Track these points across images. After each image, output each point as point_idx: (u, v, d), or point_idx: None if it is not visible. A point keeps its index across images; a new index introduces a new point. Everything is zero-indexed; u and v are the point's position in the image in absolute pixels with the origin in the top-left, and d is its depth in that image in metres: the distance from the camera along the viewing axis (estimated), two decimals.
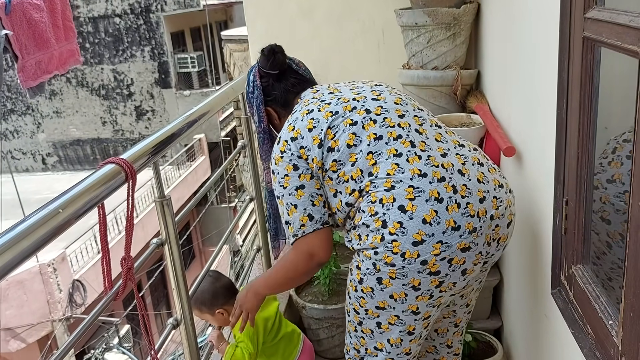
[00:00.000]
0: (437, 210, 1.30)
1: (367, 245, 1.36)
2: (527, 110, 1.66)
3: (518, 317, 1.98)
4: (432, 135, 1.43)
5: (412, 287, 1.34)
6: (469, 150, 1.44)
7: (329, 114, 1.45)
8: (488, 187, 1.37)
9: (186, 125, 1.53)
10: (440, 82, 2.33)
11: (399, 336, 1.43)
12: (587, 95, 1.17)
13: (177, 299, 1.48)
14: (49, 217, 0.92)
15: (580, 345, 1.22)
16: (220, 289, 1.83)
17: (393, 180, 1.33)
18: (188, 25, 16.30)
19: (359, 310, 1.46)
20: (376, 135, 1.39)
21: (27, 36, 1.49)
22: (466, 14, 2.29)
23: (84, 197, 1.02)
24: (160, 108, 15.49)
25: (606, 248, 1.28)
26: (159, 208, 1.40)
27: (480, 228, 1.32)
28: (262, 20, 2.70)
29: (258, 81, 1.63)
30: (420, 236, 1.29)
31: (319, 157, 1.41)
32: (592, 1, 1.11)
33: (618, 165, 1.25)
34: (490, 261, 1.42)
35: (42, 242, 0.89)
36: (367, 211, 1.35)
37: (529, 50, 1.60)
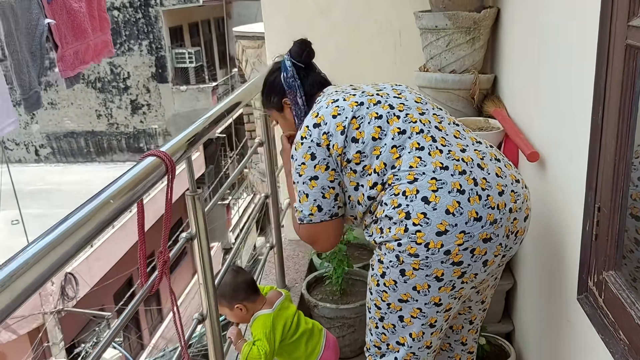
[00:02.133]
0: (460, 201, 1.33)
1: (389, 237, 1.38)
2: (554, 116, 1.66)
3: (534, 321, 1.99)
4: (451, 132, 1.47)
5: (435, 277, 1.36)
6: (485, 147, 1.49)
7: (354, 103, 1.48)
8: (506, 181, 1.41)
9: (218, 118, 1.53)
10: (458, 85, 2.33)
11: (421, 329, 1.46)
12: (627, 102, 1.18)
13: (203, 294, 1.47)
14: (100, 207, 0.91)
15: (612, 351, 1.23)
16: (242, 284, 1.82)
17: (416, 173, 1.36)
18: (187, 20, 16.23)
19: (381, 305, 1.48)
20: (400, 129, 1.43)
21: (67, 26, 1.48)
22: (486, 18, 2.30)
23: (131, 188, 1.01)
24: (156, 102, 15.42)
25: (634, 245, 1.29)
26: (190, 202, 1.39)
27: (500, 220, 1.36)
28: (279, 17, 2.70)
29: (294, 68, 1.67)
30: (444, 226, 1.32)
31: (341, 143, 1.44)
32: (636, 9, 1.12)
33: None
34: (508, 254, 1.45)
35: (94, 233, 0.89)
36: (390, 204, 1.38)
37: (559, 57, 1.61)
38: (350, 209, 1.52)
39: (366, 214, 1.48)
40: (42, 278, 0.77)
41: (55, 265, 0.80)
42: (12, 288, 0.71)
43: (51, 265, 0.79)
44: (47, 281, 0.76)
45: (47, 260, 0.79)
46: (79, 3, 1.45)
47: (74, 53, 1.53)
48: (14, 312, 0.71)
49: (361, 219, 1.51)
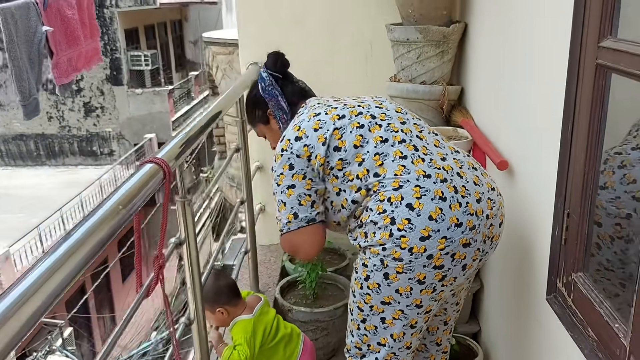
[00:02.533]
0: (442, 208, 1.40)
1: (374, 242, 1.44)
2: (523, 128, 1.77)
3: (502, 321, 2.10)
4: (431, 141, 1.55)
5: (417, 280, 1.43)
6: (463, 156, 1.57)
7: (335, 116, 1.55)
8: (483, 189, 1.50)
9: (205, 125, 1.56)
10: (428, 96, 2.43)
11: (402, 330, 1.52)
12: (597, 118, 1.28)
13: (191, 298, 1.49)
14: (111, 214, 0.94)
15: (581, 347, 1.32)
16: (225, 287, 1.85)
17: (400, 181, 1.43)
18: (142, 22, 15.96)
19: (364, 307, 1.54)
20: (382, 138, 1.50)
21: (61, 33, 1.48)
22: (455, 32, 2.41)
23: (135, 194, 1.03)
24: (111, 105, 15.08)
25: (595, 249, 1.40)
26: (180, 208, 1.41)
27: (478, 226, 1.44)
28: (253, 25, 2.73)
29: (271, 78, 1.72)
30: (427, 232, 1.39)
31: (323, 154, 1.50)
32: (606, 31, 1.22)
33: (610, 174, 1.38)
34: (484, 259, 1.53)
35: (107, 239, 0.91)
36: (376, 209, 1.44)
37: (528, 73, 1.72)
38: (332, 214, 1.57)
39: (350, 218, 1.54)
40: (63, 284, 0.79)
41: (72, 273, 0.81)
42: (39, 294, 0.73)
43: (70, 272, 0.81)
44: (68, 287, 0.78)
45: (66, 268, 0.80)
46: (72, 10, 1.45)
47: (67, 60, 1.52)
48: (44, 314, 0.72)
49: (345, 223, 1.57)
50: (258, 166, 2.87)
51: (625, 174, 1.35)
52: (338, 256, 2.88)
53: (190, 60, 19.79)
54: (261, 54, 2.75)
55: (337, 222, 1.58)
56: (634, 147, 1.37)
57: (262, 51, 2.74)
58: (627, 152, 1.38)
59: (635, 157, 1.34)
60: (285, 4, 2.70)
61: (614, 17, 1.19)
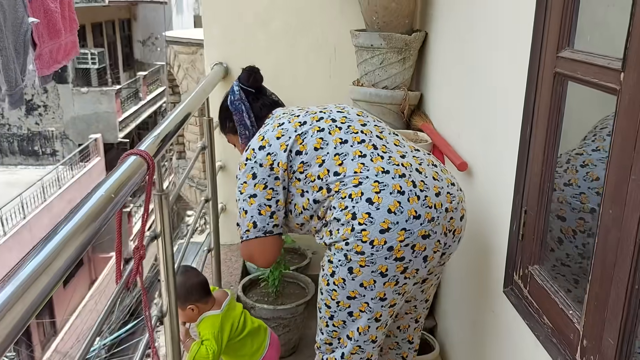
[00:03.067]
0: (400, 201, 1.47)
1: (338, 238, 1.50)
2: (483, 132, 1.88)
3: (460, 315, 2.20)
4: (391, 141, 1.63)
5: (380, 273, 1.49)
6: (423, 154, 1.65)
7: (297, 124, 1.62)
8: (442, 184, 1.57)
9: (184, 119, 1.58)
10: (390, 100, 2.52)
11: (367, 323, 1.57)
12: (554, 122, 1.39)
13: (164, 293, 1.51)
14: (105, 201, 0.96)
15: (536, 334, 1.43)
16: (196, 285, 1.87)
17: (360, 177, 1.50)
18: (90, 20, 15.53)
19: (331, 303, 1.59)
20: (342, 139, 1.57)
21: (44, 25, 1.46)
22: (416, 40, 2.51)
23: (124, 185, 1.05)
24: (54, 104, 14.59)
25: (556, 244, 1.51)
26: (157, 201, 1.43)
27: (437, 218, 1.51)
28: (218, 26, 2.75)
29: (242, 93, 1.80)
30: (386, 224, 1.45)
31: (284, 160, 1.57)
32: (564, 43, 1.33)
33: (573, 172, 1.50)
34: (447, 252, 1.60)
35: (101, 226, 0.93)
36: (338, 207, 1.50)
37: (488, 80, 1.83)
38: (295, 217, 1.63)
39: (314, 219, 1.60)
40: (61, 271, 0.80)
41: (72, 258, 0.83)
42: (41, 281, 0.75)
43: (69, 257, 0.83)
44: (72, 266, 0.80)
45: (66, 252, 0.82)
46: (54, 3, 1.44)
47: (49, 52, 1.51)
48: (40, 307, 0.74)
49: (308, 224, 1.63)
50: (220, 166, 2.89)
51: (587, 172, 1.47)
52: (298, 255, 2.93)
53: (138, 60, 19.39)
54: (226, 54, 2.79)
55: (300, 224, 1.64)
56: (594, 149, 1.49)
57: (227, 51, 2.79)
58: (588, 153, 1.50)
59: (596, 157, 1.46)
60: (250, 6, 2.74)
61: (572, 29, 1.30)
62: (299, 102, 2.06)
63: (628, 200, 1.04)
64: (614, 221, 1.08)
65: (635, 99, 1.01)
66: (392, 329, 1.80)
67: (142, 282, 1.30)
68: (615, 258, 1.08)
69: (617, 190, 1.07)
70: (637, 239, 1.02)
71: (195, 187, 7.07)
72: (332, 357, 1.66)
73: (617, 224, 1.07)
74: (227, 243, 3.00)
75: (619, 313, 1.08)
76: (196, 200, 7.50)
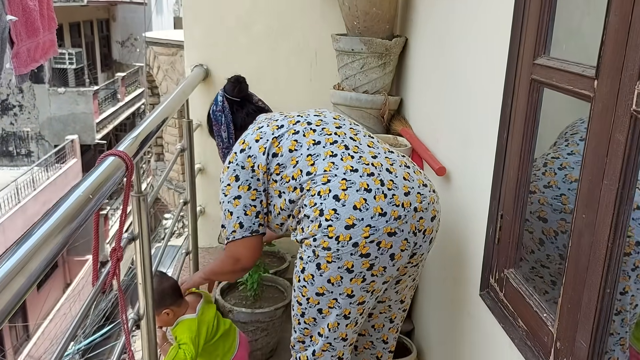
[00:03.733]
0: (366, 198, 1.50)
1: (307, 234, 1.54)
2: (461, 137, 1.90)
3: (437, 319, 2.22)
4: (365, 142, 1.66)
5: (346, 269, 1.51)
6: (397, 156, 1.67)
7: (275, 127, 1.67)
8: (413, 184, 1.59)
9: (163, 120, 1.58)
10: (370, 105, 2.54)
11: (336, 319, 1.59)
12: (530, 127, 1.42)
13: (142, 295, 1.50)
14: (83, 201, 0.95)
15: (511, 337, 1.45)
16: (169, 289, 1.86)
17: (329, 175, 1.53)
18: (67, 19, 15.33)
19: (302, 300, 1.61)
20: (315, 141, 1.61)
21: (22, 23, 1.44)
22: (396, 46, 2.54)
23: (104, 184, 1.04)
24: (30, 104, 14.35)
25: (537, 245, 1.53)
26: (135, 203, 1.42)
27: (404, 217, 1.52)
28: (200, 28, 2.75)
29: (226, 103, 1.85)
30: (351, 220, 1.48)
31: (264, 162, 1.62)
32: (540, 50, 1.36)
33: (552, 174, 1.53)
34: (418, 252, 1.61)
35: (79, 226, 0.92)
36: (308, 204, 1.54)
37: (466, 86, 1.85)
38: (275, 217, 1.67)
39: (290, 218, 1.63)
40: (37, 272, 0.79)
41: (48, 259, 0.82)
42: None
43: (45, 258, 0.82)
44: (48, 267, 0.79)
45: (42, 253, 0.81)
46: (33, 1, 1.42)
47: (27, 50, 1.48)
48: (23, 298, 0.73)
49: (286, 224, 1.66)
50: (200, 168, 2.87)
51: (566, 174, 1.50)
52: (277, 259, 2.92)
53: (117, 61, 19.18)
54: (207, 56, 2.79)
55: (280, 224, 1.68)
56: (569, 153, 1.52)
57: (207, 53, 2.78)
58: (564, 156, 1.53)
59: (573, 160, 1.50)
60: (232, 9, 2.74)
61: (548, 37, 1.33)
62: (279, 105, 2.08)
63: (600, 205, 1.06)
64: (587, 226, 1.11)
65: (608, 106, 1.03)
66: (366, 327, 1.81)
67: (119, 284, 1.29)
68: (588, 262, 1.10)
69: (590, 194, 1.10)
70: (609, 243, 1.05)
71: (174, 190, 7.02)
72: (304, 355, 1.67)
73: (590, 229, 1.10)
74: (205, 246, 2.99)
75: (591, 316, 1.10)
76: (174, 203, 7.44)
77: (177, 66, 6.51)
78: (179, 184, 6.90)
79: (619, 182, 1.01)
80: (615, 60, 1.01)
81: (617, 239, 1.04)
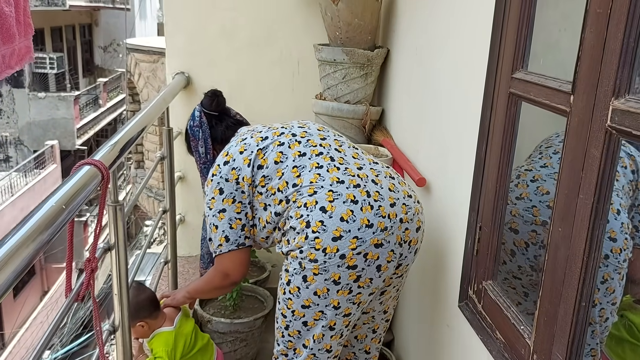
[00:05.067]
0: (353, 210, 1.49)
1: (293, 246, 1.52)
2: (441, 149, 1.91)
3: (416, 330, 2.22)
4: (350, 154, 1.66)
5: (333, 281, 1.50)
6: (382, 167, 1.68)
7: (259, 139, 1.66)
8: (398, 195, 1.59)
9: (143, 129, 1.56)
10: (352, 115, 2.55)
11: (322, 331, 1.58)
12: (508, 140, 1.43)
13: (117, 306, 1.47)
14: (56, 212, 0.93)
15: (489, 349, 1.45)
16: (145, 301, 1.84)
17: (315, 187, 1.53)
18: (49, 24, 15.18)
19: (287, 313, 1.60)
20: (300, 152, 1.61)
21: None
22: (378, 57, 2.55)
23: (78, 195, 1.03)
24: (9, 108, 14.15)
25: (509, 256, 1.55)
26: (111, 212, 1.40)
27: (390, 228, 1.52)
28: (182, 35, 2.73)
29: (204, 118, 1.86)
30: (338, 232, 1.47)
31: (249, 174, 1.60)
32: (518, 65, 1.38)
33: (524, 186, 1.54)
34: (403, 263, 1.61)
35: (51, 237, 0.90)
36: (294, 216, 1.53)
37: (446, 99, 1.87)
38: (260, 231, 1.65)
39: (275, 230, 1.62)
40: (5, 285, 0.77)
41: (17, 271, 0.80)
42: None
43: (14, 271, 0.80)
44: (18, 279, 0.78)
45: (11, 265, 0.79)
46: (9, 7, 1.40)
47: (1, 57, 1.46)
48: None
49: (272, 237, 1.65)
50: (180, 176, 2.85)
51: (538, 187, 1.51)
52: (258, 268, 2.91)
53: (99, 66, 19.02)
54: (188, 64, 2.77)
55: (265, 238, 1.67)
56: (542, 165, 1.54)
57: (189, 61, 2.77)
58: (537, 169, 1.55)
59: (545, 173, 1.51)
60: (215, 17, 2.73)
61: (526, 52, 1.34)
62: (261, 114, 2.07)
63: (576, 219, 1.07)
64: (563, 239, 1.12)
65: (583, 121, 1.04)
66: (349, 338, 1.80)
67: (94, 296, 1.26)
68: (564, 275, 1.11)
69: (566, 208, 1.10)
70: (584, 256, 1.05)
71: (154, 198, 6.95)
72: None
73: (566, 242, 1.10)
74: (184, 255, 2.96)
75: (567, 329, 1.11)
76: (154, 211, 7.37)
77: (158, 73, 6.48)
78: (159, 191, 6.84)
79: (594, 196, 1.02)
80: (590, 77, 1.02)
81: (592, 252, 1.05)
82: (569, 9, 1.50)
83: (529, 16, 1.33)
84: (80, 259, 13.91)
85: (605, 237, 1.34)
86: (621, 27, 0.93)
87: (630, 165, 1.46)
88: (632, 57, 0.93)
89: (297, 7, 2.74)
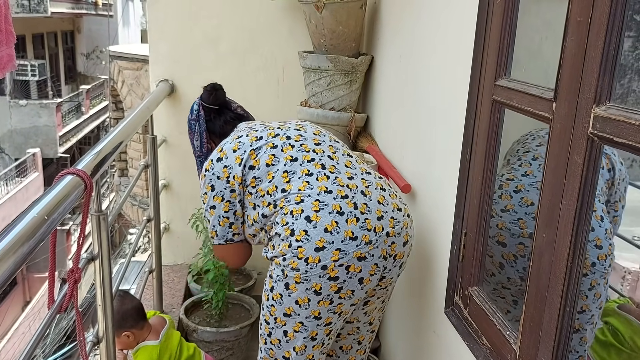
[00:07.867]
0: (338, 221, 1.49)
1: (277, 252, 1.53)
2: (425, 156, 1.92)
3: (403, 336, 2.22)
4: (343, 162, 1.66)
5: (314, 291, 1.49)
6: (374, 177, 1.67)
7: (254, 138, 1.66)
8: (387, 208, 1.58)
9: (119, 142, 1.54)
10: (337, 122, 2.55)
11: (303, 342, 1.57)
12: (492, 147, 1.44)
13: (101, 317, 1.45)
14: (37, 223, 0.92)
15: (476, 355, 1.45)
16: (131, 310, 1.81)
17: (303, 195, 1.52)
18: (30, 30, 15.02)
19: (269, 319, 1.60)
20: (292, 157, 1.61)
21: None
22: (362, 64, 2.56)
23: (60, 205, 1.01)
24: None
25: (498, 269, 1.55)
26: (94, 222, 1.38)
27: (376, 241, 1.51)
28: (165, 43, 2.72)
29: (202, 112, 1.82)
30: (321, 243, 1.47)
31: (240, 174, 1.61)
32: (501, 72, 1.39)
33: (508, 198, 1.55)
34: (387, 277, 1.61)
35: (33, 248, 0.89)
36: (280, 222, 1.53)
37: (430, 106, 1.88)
38: (248, 227, 1.66)
39: (262, 231, 1.62)
40: None
41: None
42: None
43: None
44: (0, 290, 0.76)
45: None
46: None
47: None
48: None
49: (259, 235, 1.65)
50: (164, 184, 2.83)
51: (522, 198, 1.52)
52: (244, 276, 2.89)
53: (82, 74, 18.86)
54: (172, 72, 2.76)
55: (252, 235, 1.68)
56: (523, 174, 1.55)
57: (173, 69, 2.76)
58: (518, 178, 1.56)
59: (527, 182, 1.52)
60: (199, 24, 2.72)
61: (508, 59, 1.36)
62: None
63: (560, 224, 1.08)
64: (547, 245, 1.12)
65: (566, 128, 1.06)
66: (334, 348, 1.80)
67: (77, 307, 1.24)
68: (549, 281, 1.12)
69: (550, 214, 1.11)
70: (568, 262, 1.06)
71: (138, 206, 6.90)
72: None
73: (550, 248, 1.11)
74: (169, 264, 2.94)
75: (552, 334, 1.12)
76: (139, 219, 7.30)
77: (142, 81, 6.44)
78: (143, 200, 6.78)
79: (577, 202, 1.03)
80: (572, 84, 1.03)
81: (576, 257, 1.06)
82: (551, 17, 1.52)
83: (511, 24, 1.34)
84: (63, 267, 13.73)
85: (592, 245, 1.36)
86: (601, 35, 0.95)
87: (606, 164, 1.47)
88: (613, 65, 0.94)
89: (281, 14, 2.75)
